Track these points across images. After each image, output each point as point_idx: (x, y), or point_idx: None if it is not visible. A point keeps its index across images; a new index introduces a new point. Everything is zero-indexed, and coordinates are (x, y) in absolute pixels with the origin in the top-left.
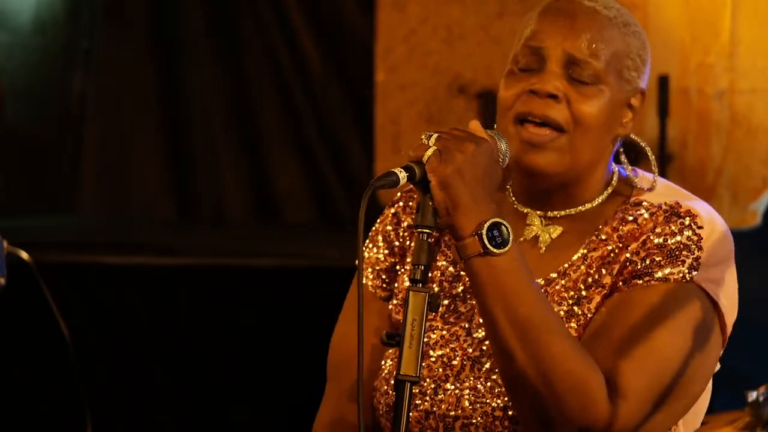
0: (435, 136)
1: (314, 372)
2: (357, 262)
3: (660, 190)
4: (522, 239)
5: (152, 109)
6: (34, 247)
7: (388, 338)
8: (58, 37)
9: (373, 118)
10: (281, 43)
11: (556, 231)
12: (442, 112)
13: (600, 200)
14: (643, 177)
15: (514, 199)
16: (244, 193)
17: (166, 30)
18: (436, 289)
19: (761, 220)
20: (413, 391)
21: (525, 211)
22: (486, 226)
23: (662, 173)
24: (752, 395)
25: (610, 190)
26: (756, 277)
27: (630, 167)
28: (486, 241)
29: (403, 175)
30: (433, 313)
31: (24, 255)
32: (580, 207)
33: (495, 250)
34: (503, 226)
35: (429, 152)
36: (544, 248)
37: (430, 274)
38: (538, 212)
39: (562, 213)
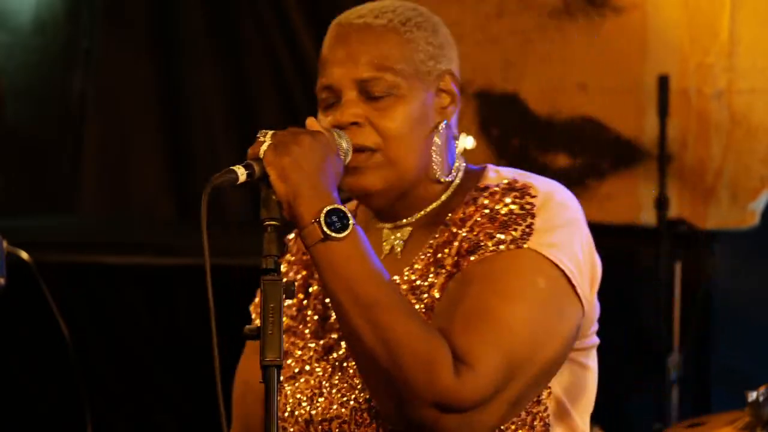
0: (270, 132)
1: None
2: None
3: (504, 174)
4: (382, 256)
5: (152, 109)
6: (34, 247)
7: (249, 332)
8: (58, 37)
9: None
10: (281, 43)
11: (405, 232)
12: None
13: (445, 197)
14: (491, 168)
15: (374, 218)
16: (243, 192)
17: (166, 30)
18: (310, 311)
19: (760, 220)
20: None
21: (379, 226)
22: (324, 212)
23: (662, 173)
24: (752, 395)
25: (456, 182)
26: (756, 277)
27: (481, 164)
28: (325, 227)
29: (242, 172)
30: (289, 300)
31: (24, 255)
32: (426, 209)
33: (334, 235)
34: (342, 212)
35: (264, 147)
36: (399, 253)
37: (306, 303)
38: (388, 225)
39: (411, 219)
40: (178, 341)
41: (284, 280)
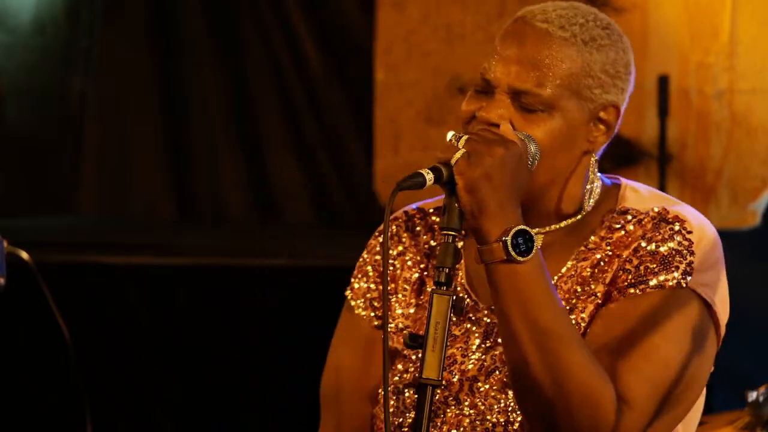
0: (465, 138)
1: (314, 372)
2: (381, 266)
3: (645, 197)
4: None
5: (152, 109)
6: (34, 247)
7: (411, 340)
8: (58, 36)
9: (372, 117)
10: (281, 43)
11: (538, 241)
12: (441, 112)
13: (583, 213)
14: (627, 185)
15: None
16: (243, 192)
17: (166, 30)
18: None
19: (761, 220)
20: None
21: None
22: (512, 233)
23: (662, 173)
24: (752, 395)
25: (592, 202)
26: (756, 277)
27: (613, 176)
28: (510, 248)
29: (429, 177)
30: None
31: (24, 255)
32: (563, 222)
33: (519, 258)
34: (528, 234)
35: (458, 155)
36: None
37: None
38: None
39: (542, 230)
40: (178, 341)
41: (453, 294)
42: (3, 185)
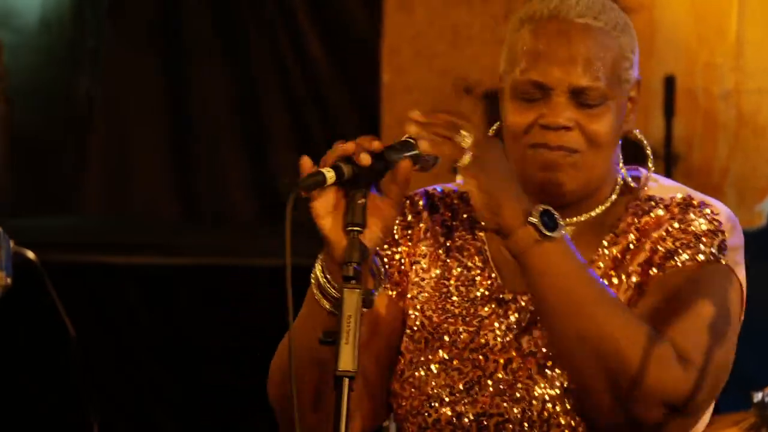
0: (470, 139)
1: None
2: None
3: (667, 186)
4: None
5: (157, 110)
6: (38, 247)
7: (325, 336)
8: (64, 37)
9: (379, 119)
10: (287, 44)
11: (568, 233)
12: None
13: (610, 201)
14: (648, 176)
15: None
16: (248, 193)
17: (171, 30)
18: (455, 297)
19: (767, 221)
20: (443, 396)
21: None
22: (538, 212)
23: (668, 173)
24: (757, 396)
25: (618, 189)
26: (762, 278)
27: (633, 167)
28: (541, 227)
29: (330, 175)
30: (367, 309)
31: (30, 255)
32: (592, 212)
33: (551, 234)
34: (550, 211)
35: (467, 158)
36: None
37: (448, 282)
38: None
39: (575, 220)
40: (179, 341)
41: (363, 289)
42: (9, 185)
